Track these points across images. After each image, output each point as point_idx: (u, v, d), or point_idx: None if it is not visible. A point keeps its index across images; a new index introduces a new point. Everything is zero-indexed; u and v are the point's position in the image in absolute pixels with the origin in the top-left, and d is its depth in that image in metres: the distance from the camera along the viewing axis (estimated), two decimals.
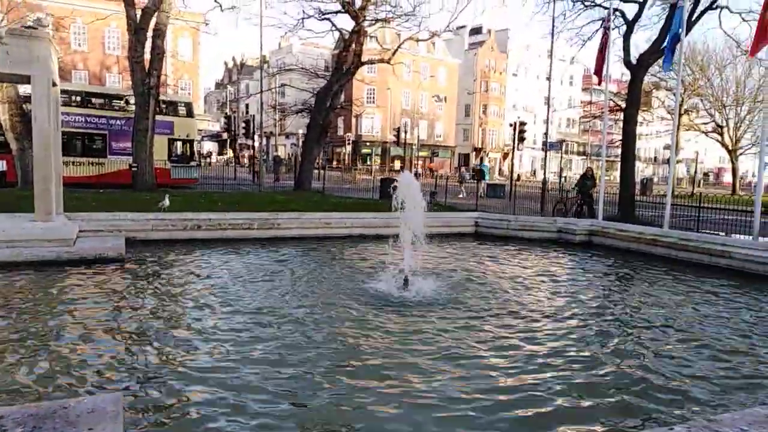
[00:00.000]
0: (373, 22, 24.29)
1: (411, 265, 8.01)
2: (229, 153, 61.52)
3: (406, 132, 47.81)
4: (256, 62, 54.54)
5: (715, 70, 46.69)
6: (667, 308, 7.41)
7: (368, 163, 59.75)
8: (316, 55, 59.65)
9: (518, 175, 47.31)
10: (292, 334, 5.67)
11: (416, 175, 26.89)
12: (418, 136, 56.82)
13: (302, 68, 31.25)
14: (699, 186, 52.34)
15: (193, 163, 26.23)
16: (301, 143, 33.08)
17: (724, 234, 14.78)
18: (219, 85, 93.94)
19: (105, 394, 3.80)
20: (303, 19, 23.58)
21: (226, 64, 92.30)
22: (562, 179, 43.03)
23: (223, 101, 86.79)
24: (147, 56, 19.97)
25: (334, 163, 58.58)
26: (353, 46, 23.36)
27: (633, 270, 10.29)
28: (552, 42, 21.96)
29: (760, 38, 10.56)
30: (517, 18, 76.71)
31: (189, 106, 27.16)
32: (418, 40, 27.82)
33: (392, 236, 8.08)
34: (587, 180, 18.53)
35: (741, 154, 49.78)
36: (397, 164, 58.67)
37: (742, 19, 19.36)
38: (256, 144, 35.70)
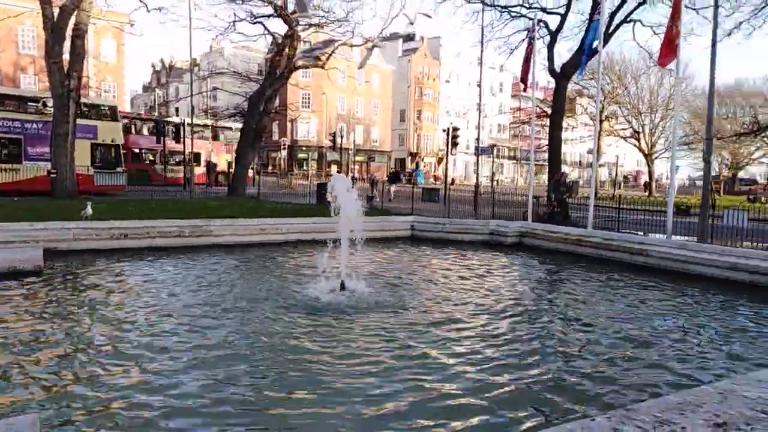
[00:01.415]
0: (307, 27, 24.14)
1: (348, 269, 8.03)
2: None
3: (342, 137, 47.79)
4: (186, 65, 52.88)
5: (631, 79, 49.82)
6: (587, 304, 7.80)
7: (305, 168, 59.19)
8: (248, 59, 58.52)
9: (452, 179, 48.38)
10: (223, 344, 5.52)
11: (353, 179, 26.88)
12: (354, 141, 56.91)
13: (234, 72, 30.64)
14: (620, 188, 55.54)
15: (119, 169, 25.03)
16: (234, 148, 32.26)
17: (642, 233, 15.73)
18: (147, 88, 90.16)
19: (21, 416, 3.55)
20: (234, 22, 23.13)
21: (153, 66, 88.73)
22: (495, 183, 44.35)
23: (151, 104, 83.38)
24: (66, 56, 18.91)
25: (270, 168, 57.60)
26: (287, 50, 23.13)
27: (558, 269, 10.77)
28: (481, 50, 22.66)
29: (667, 50, 11.39)
30: (448, 26, 78.50)
31: (113, 110, 25.91)
32: (352, 46, 27.90)
33: (329, 241, 8.05)
34: (561, 186, 18.24)
35: (656, 157, 53.22)
36: (334, 169, 58.53)
37: (653, 32, 20.74)
38: (187, 149, 34.52)
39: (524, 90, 19.09)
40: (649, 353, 5.69)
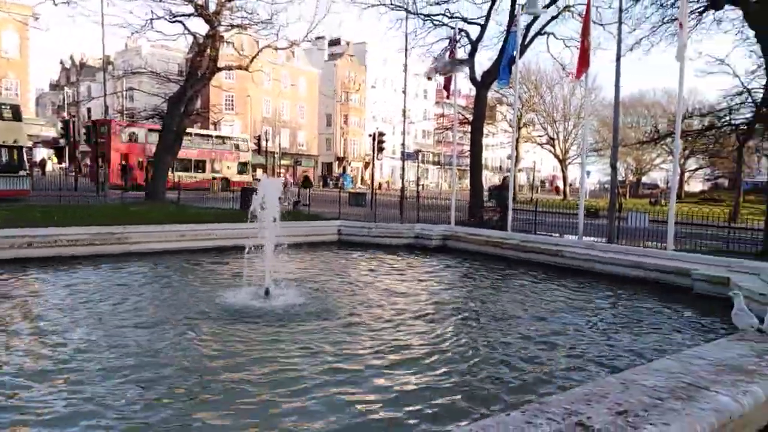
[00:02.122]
0: (229, 27, 23.55)
1: (273, 275, 7.91)
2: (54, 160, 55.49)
3: (267, 140, 46.97)
4: (99, 62, 49.96)
5: (546, 89, 52.70)
6: (505, 303, 8.15)
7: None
8: (168, 59, 56.20)
9: (379, 183, 48.85)
10: (143, 356, 5.28)
11: (284, 184, 26.33)
12: (280, 145, 56.03)
13: (152, 72, 29.30)
14: (537, 192, 58.31)
15: (22, 173, 23.23)
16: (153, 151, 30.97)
17: (558, 235, 16.62)
18: (55, 86, 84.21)
19: None
20: (152, 20, 22.11)
21: (62, 63, 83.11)
22: (420, 187, 45.24)
23: (59, 104, 78.04)
24: None
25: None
26: (208, 51, 22.48)
27: (478, 270, 11.15)
28: (406, 57, 23.07)
29: (582, 63, 12.15)
30: (374, 32, 79.33)
31: (16, 109, 24.05)
32: (276, 49, 27.52)
33: (253, 247, 7.90)
34: (504, 190, 17.81)
35: (570, 163, 56.47)
36: (260, 172, 57.44)
37: (565, 45, 22.04)
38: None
39: (447, 97, 19.62)
40: (559, 347, 6.02)
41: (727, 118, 18.30)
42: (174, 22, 22.32)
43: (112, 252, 10.91)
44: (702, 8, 16.72)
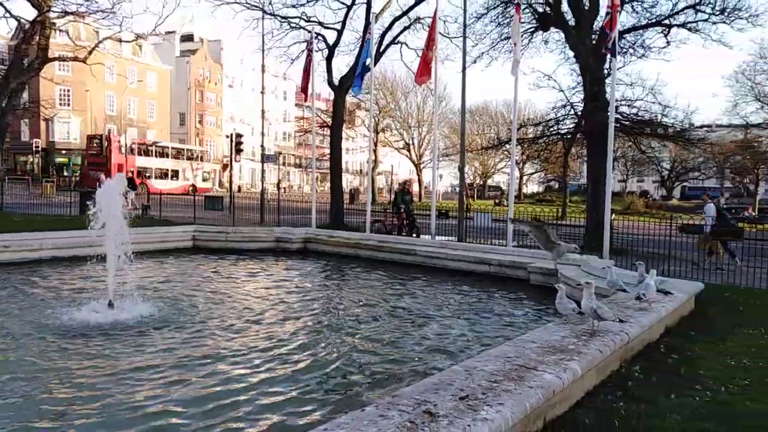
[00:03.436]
0: (62, 14, 21.21)
1: (116, 286, 7.32)
2: None
3: (109, 140, 43.13)
4: None
5: (402, 96, 54.96)
6: (362, 300, 8.41)
7: (66, 173, 51.85)
8: None
9: (238, 186, 47.33)
10: None
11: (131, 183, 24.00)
12: (126, 145, 51.67)
13: None
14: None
15: None
16: None
17: (414, 235, 17.43)
18: None
19: None
20: None
21: None
22: (281, 190, 44.70)
23: None
24: None
25: (20, 174, 49.18)
26: (37, 38, 20.05)
27: (337, 271, 11.38)
28: (263, 57, 22.63)
29: (423, 70, 12.96)
30: (231, 30, 76.52)
31: None
32: (120, 41, 25.41)
33: (96, 256, 7.24)
34: (405, 195, 17.47)
35: (424, 167, 59.49)
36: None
37: (417, 54, 23.14)
38: None
39: (305, 100, 19.65)
40: (409, 336, 6.39)
41: (555, 127, 20.60)
42: None
43: None
44: (533, 29, 18.68)
